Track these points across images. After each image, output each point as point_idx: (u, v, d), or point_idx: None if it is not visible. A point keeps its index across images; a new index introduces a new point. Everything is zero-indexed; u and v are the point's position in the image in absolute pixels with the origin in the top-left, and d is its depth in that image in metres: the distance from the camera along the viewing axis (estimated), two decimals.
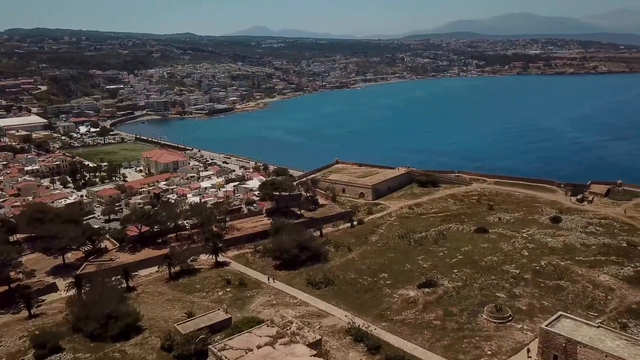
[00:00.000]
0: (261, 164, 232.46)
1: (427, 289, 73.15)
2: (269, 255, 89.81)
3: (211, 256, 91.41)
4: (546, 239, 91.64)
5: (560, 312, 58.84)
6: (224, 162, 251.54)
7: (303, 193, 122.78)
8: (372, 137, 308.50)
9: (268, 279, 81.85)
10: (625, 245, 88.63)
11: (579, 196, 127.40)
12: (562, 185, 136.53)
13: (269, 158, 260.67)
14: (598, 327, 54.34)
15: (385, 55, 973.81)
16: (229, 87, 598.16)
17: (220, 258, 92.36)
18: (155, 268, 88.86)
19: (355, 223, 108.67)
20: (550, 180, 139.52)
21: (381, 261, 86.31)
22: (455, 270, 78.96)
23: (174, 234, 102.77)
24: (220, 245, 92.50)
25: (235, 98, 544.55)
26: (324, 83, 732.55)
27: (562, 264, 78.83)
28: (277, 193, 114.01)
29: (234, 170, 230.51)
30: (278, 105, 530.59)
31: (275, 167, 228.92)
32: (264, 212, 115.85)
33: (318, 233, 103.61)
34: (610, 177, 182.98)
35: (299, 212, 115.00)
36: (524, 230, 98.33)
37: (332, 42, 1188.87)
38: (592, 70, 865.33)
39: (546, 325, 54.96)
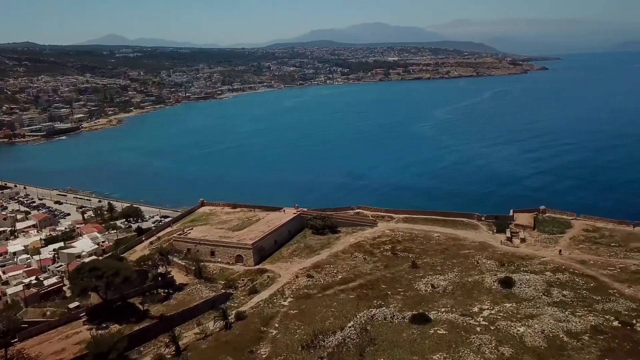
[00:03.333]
0: (106, 202, 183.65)
1: None
2: None
3: None
4: (516, 327, 62.84)
5: None
6: (56, 203, 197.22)
7: (148, 270, 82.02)
8: (244, 156, 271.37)
9: None
10: (618, 325, 63.19)
11: (508, 233, 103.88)
12: (483, 218, 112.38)
13: (119, 191, 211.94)
14: None
15: (251, 64, 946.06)
16: (74, 102, 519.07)
17: None
18: None
19: (232, 319, 70.89)
20: (468, 213, 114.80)
21: None
22: None
23: None
24: None
25: (82, 115, 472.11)
26: (187, 94, 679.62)
27: None
28: (107, 281, 71.70)
29: (69, 215, 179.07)
30: (135, 121, 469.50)
31: (125, 205, 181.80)
32: (82, 315, 72.77)
33: (172, 348, 64.34)
34: (516, 193, 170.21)
35: (142, 307, 74.15)
36: (477, 309, 69.02)
37: (194, 51, 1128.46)
38: (446, 75, 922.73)
39: None
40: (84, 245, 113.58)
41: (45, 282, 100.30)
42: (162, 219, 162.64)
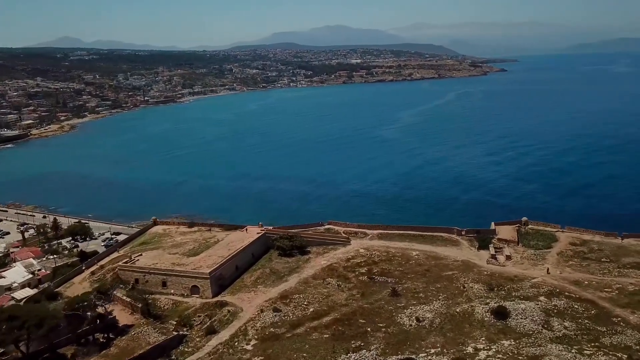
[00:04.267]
0: (51, 218, 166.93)
1: None
2: None
3: None
4: None
5: None
6: None
7: (82, 314, 69.19)
8: (204, 163, 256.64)
9: None
10: None
11: (492, 250, 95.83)
12: (463, 233, 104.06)
13: (67, 205, 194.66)
14: None
15: (213, 67, 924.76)
16: (23, 107, 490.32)
17: None
18: None
19: None
20: (447, 227, 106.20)
21: None
22: None
23: None
24: None
25: (31, 121, 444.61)
26: (146, 98, 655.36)
27: None
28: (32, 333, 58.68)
29: (8, 234, 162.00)
30: (89, 127, 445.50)
31: (72, 221, 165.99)
32: None
33: None
34: (492, 200, 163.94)
35: None
36: (471, 350, 59.76)
37: (153, 54, 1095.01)
38: (409, 77, 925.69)
39: None
40: (16, 274, 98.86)
41: None
42: (114, 236, 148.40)
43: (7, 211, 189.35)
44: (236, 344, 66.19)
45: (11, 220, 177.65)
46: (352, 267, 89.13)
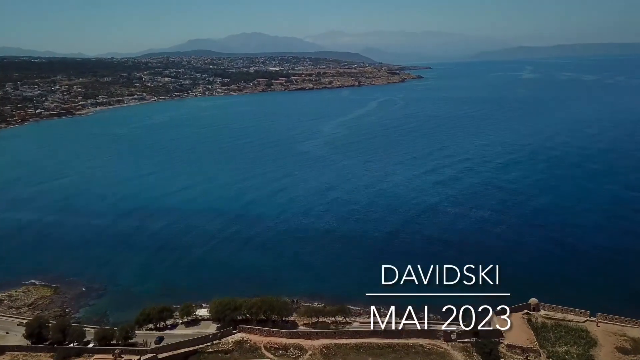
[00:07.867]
0: None
1: None
2: None
3: None
4: None
5: None
6: None
7: None
8: (89, 194, 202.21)
9: None
10: None
11: None
12: (453, 337, 66.36)
13: None
14: None
15: (120, 75, 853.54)
16: None
17: None
18: None
19: None
20: (429, 330, 67.57)
21: None
22: None
23: None
24: None
25: None
26: (39, 110, 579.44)
27: None
28: None
29: None
30: None
31: None
32: None
33: None
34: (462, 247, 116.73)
35: None
36: None
37: (52, 61, 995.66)
38: (329, 85, 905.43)
39: None
40: None
41: None
42: None
43: None
44: None
45: None
46: None
